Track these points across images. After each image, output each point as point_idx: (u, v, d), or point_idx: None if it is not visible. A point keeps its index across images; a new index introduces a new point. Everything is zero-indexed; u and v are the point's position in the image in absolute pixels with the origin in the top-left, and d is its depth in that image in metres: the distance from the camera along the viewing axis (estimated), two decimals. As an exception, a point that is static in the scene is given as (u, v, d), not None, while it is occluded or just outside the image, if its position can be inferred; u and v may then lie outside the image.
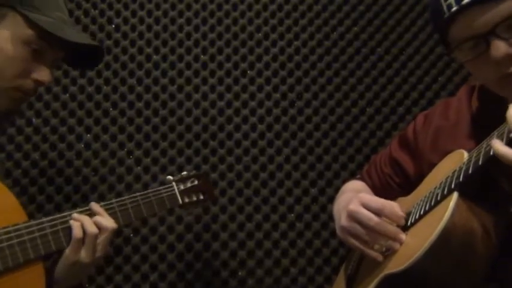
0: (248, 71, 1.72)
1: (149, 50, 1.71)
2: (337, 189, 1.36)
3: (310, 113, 1.70)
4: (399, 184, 1.23)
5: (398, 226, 0.99)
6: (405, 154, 1.21)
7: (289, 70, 1.73)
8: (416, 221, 0.97)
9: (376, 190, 1.26)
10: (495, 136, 0.79)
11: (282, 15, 1.76)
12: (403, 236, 0.97)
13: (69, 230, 1.07)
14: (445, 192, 0.89)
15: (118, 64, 1.69)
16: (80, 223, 1.07)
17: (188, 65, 1.71)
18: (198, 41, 1.73)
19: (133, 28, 1.72)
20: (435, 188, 0.94)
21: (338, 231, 1.11)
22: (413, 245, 0.90)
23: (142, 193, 1.22)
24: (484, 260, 0.85)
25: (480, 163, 0.81)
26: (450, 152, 0.99)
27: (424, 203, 0.96)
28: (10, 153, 1.61)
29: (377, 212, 0.99)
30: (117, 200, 1.17)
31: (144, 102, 1.68)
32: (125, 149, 1.65)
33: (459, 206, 0.85)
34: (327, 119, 1.70)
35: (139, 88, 1.69)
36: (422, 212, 0.95)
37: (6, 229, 1.01)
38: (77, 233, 1.05)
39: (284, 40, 1.75)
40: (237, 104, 1.70)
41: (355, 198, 1.04)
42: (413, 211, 1.00)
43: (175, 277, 1.59)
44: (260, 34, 1.75)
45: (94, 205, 1.12)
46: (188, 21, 1.74)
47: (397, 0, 1.77)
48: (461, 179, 0.86)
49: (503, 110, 0.77)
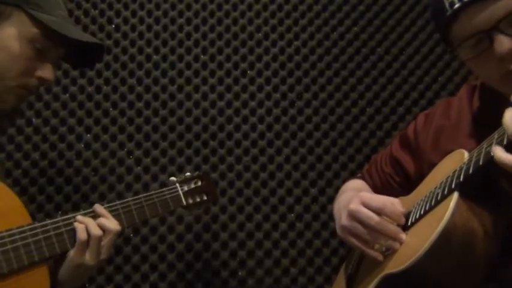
0: (248, 71, 1.72)
1: (149, 50, 1.71)
2: (337, 189, 1.36)
3: (310, 113, 1.70)
4: (399, 183, 1.23)
5: (398, 225, 0.99)
6: (406, 153, 1.21)
7: (289, 70, 1.73)
8: (416, 221, 0.97)
9: (376, 189, 1.26)
10: (495, 139, 0.79)
11: (282, 15, 1.76)
12: (404, 236, 0.97)
13: (73, 232, 1.07)
14: (446, 192, 0.89)
15: (118, 64, 1.69)
16: (85, 225, 1.07)
17: (188, 65, 1.71)
18: (198, 41, 1.73)
19: (133, 28, 1.72)
20: (435, 188, 0.94)
21: (338, 230, 1.11)
22: (413, 245, 0.90)
23: (145, 195, 1.21)
24: (484, 260, 0.85)
25: (481, 163, 0.81)
26: (451, 152, 0.99)
27: (425, 203, 0.96)
28: (10, 153, 1.60)
29: (377, 211, 0.99)
30: (120, 202, 1.16)
31: (144, 102, 1.68)
32: (125, 149, 1.65)
33: (459, 206, 0.85)
34: (327, 119, 1.70)
35: (139, 88, 1.69)
36: (422, 212, 0.95)
37: (10, 231, 1.00)
38: (82, 236, 1.05)
39: (284, 40, 1.75)
40: (237, 104, 1.70)
41: (355, 197, 1.04)
42: (413, 211, 1.00)
43: (175, 277, 1.59)
44: (260, 34, 1.75)
45: (98, 207, 1.12)
46: (188, 21, 1.74)
47: (397, 0, 1.78)
48: (461, 179, 0.86)
49: (504, 109, 0.77)
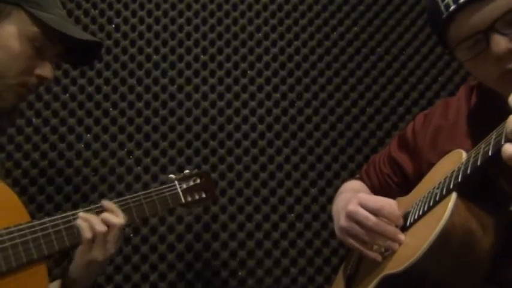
0: (248, 71, 1.72)
1: (149, 50, 1.71)
2: (337, 189, 1.35)
3: (310, 113, 1.70)
4: (398, 184, 1.22)
5: (397, 226, 0.99)
6: (404, 154, 1.21)
7: (289, 70, 1.73)
8: (415, 221, 0.97)
9: (375, 190, 1.26)
10: (493, 139, 0.79)
11: (282, 15, 1.76)
12: (402, 237, 0.97)
13: (71, 230, 1.07)
14: (444, 192, 0.89)
15: (118, 64, 1.69)
16: (88, 223, 1.07)
17: (188, 65, 1.71)
18: (198, 41, 1.73)
19: (133, 28, 1.72)
20: (434, 188, 0.94)
21: (337, 231, 1.11)
22: (412, 246, 0.90)
23: (144, 192, 1.21)
24: (484, 260, 0.85)
25: (479, 163, 0.81)
26: (449, 152, 0.99)
27: (423, 204, 0.96)
28: (10, 153, 1.61)
29: (375, 213, 0.99)
30: (119, 200, 1.17)
31: (144, 102, 1.68)
32: (125, 149, 1.65)
33: (458, 207, 0.85)
34: (327, 119, 1.70)
35: (139, 88, 1.69)
36: (421, 213, 0.95)
37: (9, 229, 1.00)
38: (87, 234, 1.06)
39: (284, 40, 1.75)
40: (237, 104, 1.70)
41: (353, 198, 1.03)
42: (412, 211, 1.00)
43: (175, 277, 1.59)
44: (260, 34, 1.75)
45: (106, 202, 1.13)
46: (188, 21, 1.74)
47: (397, 0, 1.78)
48: (460, 180, 0.86)
49: (501, 108, 0.76)
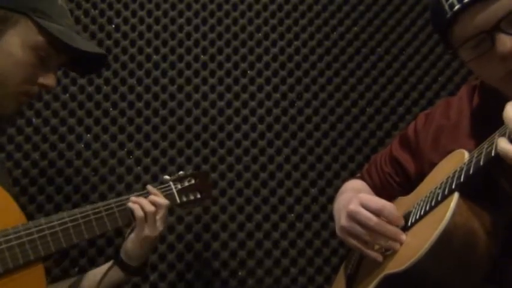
0: (248, 71, 1.72)
1: (149, 50, 1.71)
2: (337, 189, 1.35)
3: (310, 113, 1.70)
4: (399, 183, 1.22)
5: (397, 226, 0.99)
6: (406, 153, 1.21)
7: (289, 70, 1.73)
8: (416, 221, 0.97)
9: (376, 189, 1.26)
10: (496, 138, 0.79)
11: (282, 15, 1.76)
12: (403, 237, 0.97)
13: (68, 231, 1.08)
14: (446, 192, 0.89)
15: (118, 64, 1.69)
16: (138, 205, 1.18)
17: (188, 65, 1.71)
18: (198, 41, 1.73)
19: (133, 28, 1.72)
20: (436, 188, 0.94)
21: (338, 231, 1.10)
22: (413, 245, 0.90)
23: (140, 193, 1.21)
24: (485, 261, 0.85)
25: (481, 163, 0.81)
26: (451, 152, 0.99)
27: (425, 203, 0.95)
28: (10, 153, 1.60)
29: (376, 213, 0.99)
30: (115, 200, 1.17)
31: (144, 102, 1.68)
32: (125, 149, 1.65)
33: (460, 207, 0.85)
34: (327, 119, 1.70)
35: (139, 88, 1.69)
36: (422, 212, 0.95)
37: (5, 232, 1.00)
38: (139, 213, 1.17)
39: (284, 40, 1.75)
40: (237, 104, 1.70)
41: (354, 198, 1.03)
42: (413, 211, 1.00)
43: (175, 277, 1.59)
44: (260, 34, 1.74)
45: (149, 187, 1.24)
46: (188, 21, 1.74)
47: (397, 0, 1.78)
48: (462, 180, 0.85)
49: (503, 108, 0.76)
